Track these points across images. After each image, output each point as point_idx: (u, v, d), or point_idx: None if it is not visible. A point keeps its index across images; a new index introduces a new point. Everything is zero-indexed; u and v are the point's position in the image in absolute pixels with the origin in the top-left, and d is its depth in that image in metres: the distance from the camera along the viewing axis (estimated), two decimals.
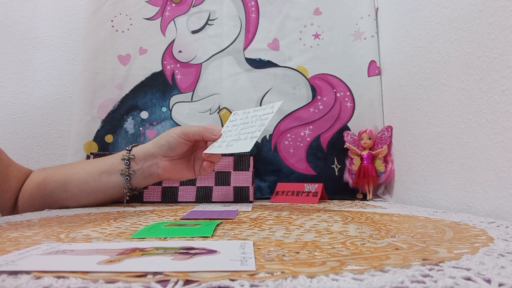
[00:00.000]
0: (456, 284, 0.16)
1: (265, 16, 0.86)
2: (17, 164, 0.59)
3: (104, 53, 0.83)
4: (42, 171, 0.59)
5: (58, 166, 0.61)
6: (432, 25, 0.60)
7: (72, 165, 0.61)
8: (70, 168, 0.59)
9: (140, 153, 0.57)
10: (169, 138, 0.56)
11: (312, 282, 0.17)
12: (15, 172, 0.57)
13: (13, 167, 0.57)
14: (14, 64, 0.90)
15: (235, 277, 0.17)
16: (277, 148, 0.81)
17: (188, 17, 0.86)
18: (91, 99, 0.81)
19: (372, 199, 0.76)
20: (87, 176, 0.57)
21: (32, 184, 0.57)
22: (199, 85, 0.84)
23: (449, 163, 0.54)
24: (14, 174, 0.57)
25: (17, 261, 0.20)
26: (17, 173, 0.57)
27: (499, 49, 0.44)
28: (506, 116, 0.43)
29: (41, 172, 0.59)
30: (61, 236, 0.29)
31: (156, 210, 0.53)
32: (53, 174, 0.58)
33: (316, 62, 0.84)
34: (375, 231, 0.32)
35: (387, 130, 0.75)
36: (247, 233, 0.31)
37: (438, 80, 0.57)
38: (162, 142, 0.57)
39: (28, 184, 0.57)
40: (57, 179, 0.57)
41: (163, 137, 0.58)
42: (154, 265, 0.19)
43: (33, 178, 0.58)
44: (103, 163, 0.59)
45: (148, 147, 0.58)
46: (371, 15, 0.83)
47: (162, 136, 0.58)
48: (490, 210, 0.45)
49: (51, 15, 0.92)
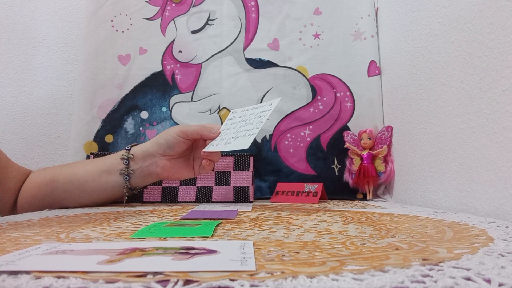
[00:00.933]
0: (456, 284, 0.16)
1: (265, 16, 0.86)
2: (16, 164, 0.59)
3: (104, 53, 0.83)
4: (42, 171, 0.59)
5: (57, 166, 0.61)
6: (432, 25, 0.60)
7: (71, 165, 0.61)
8: (69, 168, 0.59)
9: (139, 153, 0.57)
10: (168, 137, 0.56)
11: (312, 282, 0.17)
12: (14, 173, 0.57)
13: (12, 167, 0.57)
14: (14, 64, 0.90)
15: (235, 277, 0.17)
16: (277, 148, 0.81)
17: (188, 17, 0.86)
18: (91, 99, 0.81)
19: (372, 199, 0.76)
20: (86, 176, 0.57)
21: (32, 184, 0.57)
22: (199, 85, 0.84)
23: (449, 163, 0.54)
24: (13, 175, 0.57)
25: (17, 261, 0.20)
26: (16, 174, 0.57)
27: (499, 49, 0.44)
28: (506, 116, 0.43)
29: (41, 172, 0.59)
30: (61, 236, 0.29)
31: (156, 210, 0.53)
32: (52, 174, 0.58)
33: (316, 62, 0.84)
34: (375, 231, 0.32)
35: (387, 130, 0.75)
36: (247, 233, 0.31)
37: (438, 80, 0.57)
38: (161, 141, 0.57)
39: (28, 184, 0.57)
40: (56, 179, 0.57)
41: (162, 136, 0.57)
42: (154, 265, 0.19)
43: (33, 179, 0.58)
44: (103, 162, 0.59)
45: (147, 147, 0.58)
46: (371, 15, 0.83)
47: (161, 135, 0.58)
48: (490, 210, 0.45)
49: (51, 15, 0.92)
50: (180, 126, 0.58)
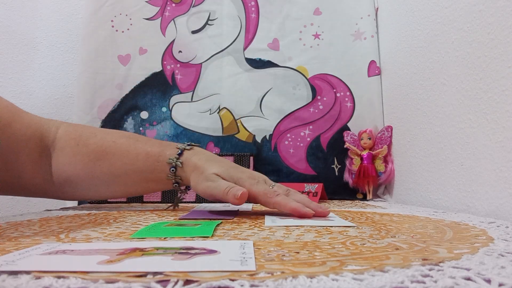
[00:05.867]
0: (456, 284, 0.16)
1: (265, 16, 0.86)
2: (29, 114, 0.46)
3: (104, 53, 0.83)
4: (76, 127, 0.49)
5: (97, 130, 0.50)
6: (432, 25, 0.60)
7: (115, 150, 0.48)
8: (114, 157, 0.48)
9: (190, 164, 0.47)
10: (199, 193, 0.46)
11: (312, 282, 0.17)
12: (23, 129, 0.44)
13: (19, 122, 0.44)
14: (14, 64, 0.90)
15: (235, 277, 0.17)
16: (277, 148, 0.81)
17: (188, 17, 0.86)
18: (91, 99, 0.81)
19: (372, 199, 0.76)
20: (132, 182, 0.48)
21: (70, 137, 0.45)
22: (199, 85, 0.84)
23: (449, 163, 0.54)
24: (22, 132, 0.44)
25: (17, 261, 0.20)
26: (26, 130, 0.44)
27: (499, 49, 0.44)
28: (506, 116, 0.43)
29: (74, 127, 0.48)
30: (61, 236, 0.29)
31: (156, 210, 0.53)
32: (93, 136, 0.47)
33: (316, 62, 0.84)
34: (375, 231, 0.32)
35: (387, 130, 0.75)
36: (247, 233, 0.31)
37: (438, 80, 0.57)
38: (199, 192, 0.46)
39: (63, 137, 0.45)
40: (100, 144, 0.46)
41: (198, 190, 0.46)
42: (154, 265, 0.19)
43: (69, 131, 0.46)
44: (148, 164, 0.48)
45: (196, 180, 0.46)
46: (371, 15, 0.83)
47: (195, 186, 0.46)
48: (490, 210, 0.45)
49: (51, 15, 0.92)
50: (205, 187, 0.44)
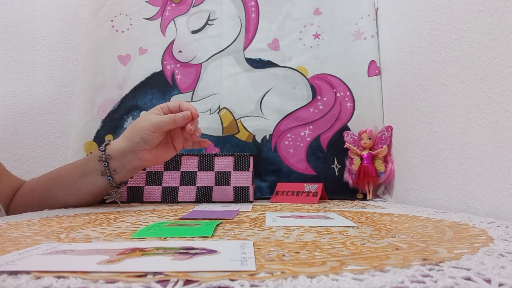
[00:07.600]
0: (456, 284, 0.16)
1: (265, 16, 0.86)
2: (11, 174, 0.61)
3: (104, 53, 0.83)
4: (31, 181, 0.61)
5: (43, 174, 0.62)
6: (432, 25, 0.60)
7: (55, 171, 0.61)
8: (52, 174, 0.60)
9: (116, 152, 0.56)
10: (142, 135, 0.55)
11: (312, 282, 0.17)
12: (6, 181, 0.58)
13: (6, 176, 0.59)
14: (14, 64, 0.90)
15: (235, 277, 0.17)
16: (277, 148, 0.81)
17: (188, 17, 0.86)
18: (91, 99, 0.81)
19: (372, 199, 0.76)
20: (69, 179, 0.57)
21: (22, 193, 0.58)
22: (199, 85, 0.84)
23: (449, 163, 0.54)
24: (6, 183, 0.58)
25: (17, 261, 0.20)
26: (9, 182, 0.58)
27: (499, 49, 0.44)
28: (506, 116, 0.43)
29: (30, 182, 0.60)
30: (61, 236, 0.29)
31: (156, 210, 0.53)
32: (38, 182, 0.59)
33: (316, 62, 0.84)
34: (375, 231, 0.32)
35: (387, 130, 0.75)
36: (247, 233, 0.31)
37: (438, 80, 0.57)
38: (136, 139, 0.56)
39: (19, 194, 0.59)
40: (41, 186, 0.58)
41: (134, 133, 0.56)
42: (154, 265, 0.19)
43: (23, 188, 0.59)
44: (84, 166, 0.58)
45: (123, 145, 0.56)
46: (371, 15, 0.83)
47: (133, 131, 0.56)
48: (490, 210, 0.45)
49: (51, 15, 0.92)
50: (151, 120, 0.55)
